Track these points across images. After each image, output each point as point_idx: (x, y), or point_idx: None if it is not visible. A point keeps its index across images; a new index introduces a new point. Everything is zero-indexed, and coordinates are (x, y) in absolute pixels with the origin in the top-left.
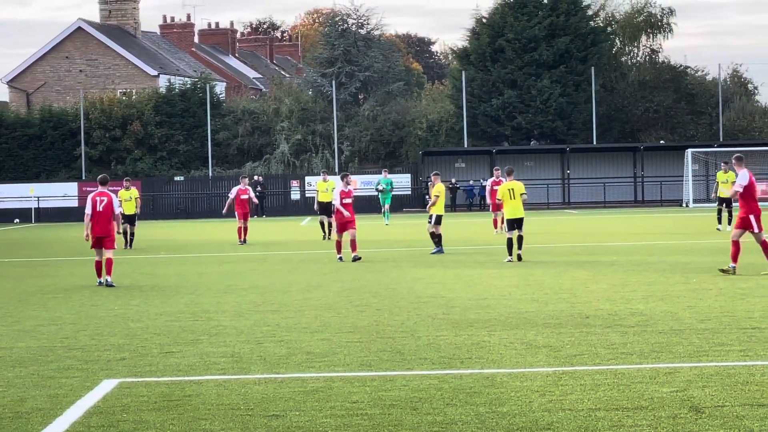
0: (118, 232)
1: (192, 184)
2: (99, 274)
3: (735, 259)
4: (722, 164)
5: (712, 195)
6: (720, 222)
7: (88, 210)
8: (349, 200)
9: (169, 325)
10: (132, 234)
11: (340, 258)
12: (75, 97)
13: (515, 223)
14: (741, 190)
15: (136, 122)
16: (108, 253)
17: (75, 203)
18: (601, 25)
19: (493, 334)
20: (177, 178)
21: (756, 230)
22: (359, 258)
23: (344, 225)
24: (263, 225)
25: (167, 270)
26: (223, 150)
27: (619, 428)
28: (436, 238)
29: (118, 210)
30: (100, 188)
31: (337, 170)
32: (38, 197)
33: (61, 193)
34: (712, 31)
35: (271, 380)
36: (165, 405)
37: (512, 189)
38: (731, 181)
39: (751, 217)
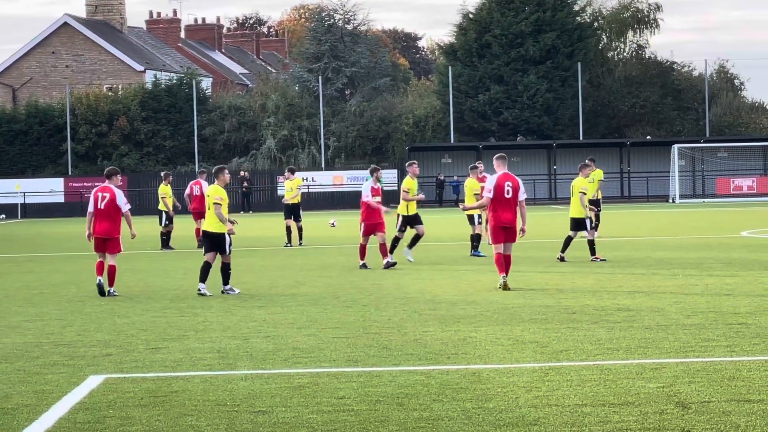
0: (133, 236)
1: (178, 179)
2: (99, 272)
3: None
4: (587, 161)
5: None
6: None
7: (89, 207)
8: (379, 198)
9: (156, 321)
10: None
11: (364, 265)
12: (61, 93)
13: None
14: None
15: (123, 118)
16: (111, 259)
17: (61, 199)
18: (588, 20)
19: (480, 330)
20: (162, 174)
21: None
22: (393, 263)
23: (373, 227)
24: (249, 221)
25: (153, 265)
26: (209, 145)
27: (606, 424)
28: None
29: (125, 208)
30: (105, 182)
31: (323, 166)
32: (24, 193)
33: (48, 188)
34: (700, 27)
35: (258, 376)
36: (151, 401)
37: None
38: (597, 179)
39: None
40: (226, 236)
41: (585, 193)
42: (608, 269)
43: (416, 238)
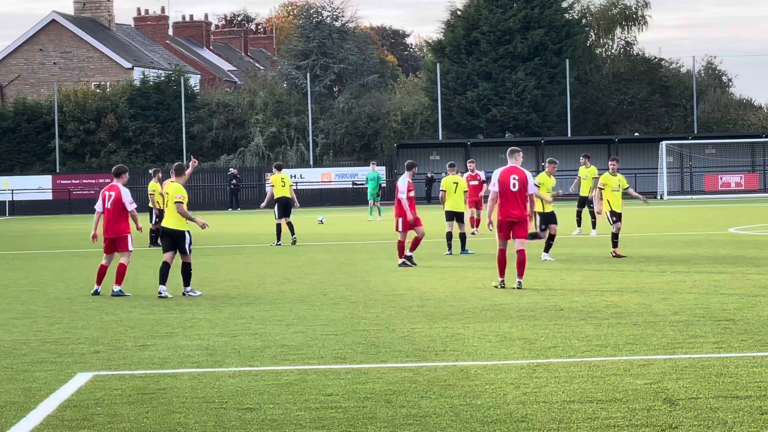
0: (138, 229)
1: (167, 176)
2: (98, 281)
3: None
4: (582, 157)
5: (571, 188)
6: (579, 225)
7: (97, 206)
8: (413, 193)
9: (144, 318)
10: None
11: (406, 260)
12: (49, 90)
13: (455, 216)
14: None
15: (111, 115)
16: (122, 258)
17: (49, 196)
18: (576, 17)
19: (468, 327)
20: (151, 171)
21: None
22: (412, 262)
23: (414, 221)
24: (238, 218)
25: (140, 263)
26: (197, 143)
27: (594, 420)
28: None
29: (130, 207)
30: (113, 181)
31: (311, 163)
32: (12, 190)
33: (36, 186)
34: (688, 24)
35: (246, 373)
36: (139, 398)
37: (457, 183)
38: (592, 177)
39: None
40: (186, 235)
41: (602, 189)
42: (596, 266)
43: (551, 239)
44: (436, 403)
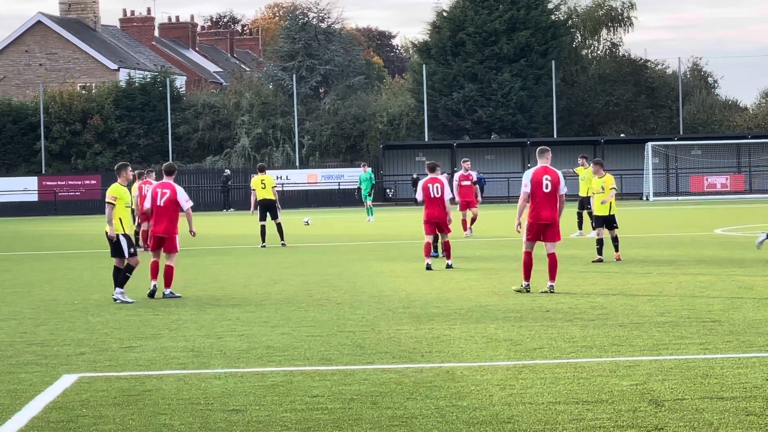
0: (193, 234)
1: (159, 177)
2: (155, 276)
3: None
4: (579, 158)
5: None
6: (580, 227)
7: (147, 203)
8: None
9: (129, 319)
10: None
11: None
12: (35, 91)
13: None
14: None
15: (96, 116)
16: (168, 259)
17: (35, 197)
18: (562, 18)
19: (454, 328)
20: (136, 173)
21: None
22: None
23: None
24: (226, 219)
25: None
26: (183, 144)
27: (579, 421)
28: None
29: (187, 205)
30: (164, 178)
31: (297, 164)
32: None
33: (21, 187)
34: (673, 25)
35: (231, 375)
36: (125, 400)
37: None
38: (589, 177)
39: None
40: (122, 238)
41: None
42: (582, 267)
43: None
44: (422, 404)
